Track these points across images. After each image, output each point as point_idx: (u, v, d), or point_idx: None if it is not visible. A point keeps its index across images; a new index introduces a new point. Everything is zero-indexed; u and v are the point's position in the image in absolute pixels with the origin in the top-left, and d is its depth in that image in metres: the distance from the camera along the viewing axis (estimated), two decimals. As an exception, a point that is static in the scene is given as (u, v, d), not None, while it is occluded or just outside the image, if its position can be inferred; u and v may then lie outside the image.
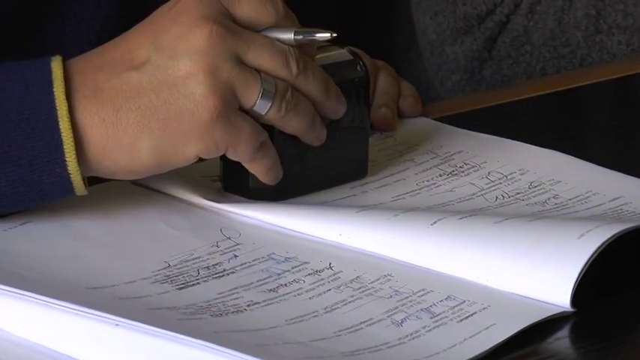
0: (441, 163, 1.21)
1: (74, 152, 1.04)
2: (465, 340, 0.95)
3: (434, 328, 0.96)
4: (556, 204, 1.14)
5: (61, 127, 1.04)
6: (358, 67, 1.15)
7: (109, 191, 1.12)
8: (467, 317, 0.98)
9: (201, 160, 1.08)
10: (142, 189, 1.14)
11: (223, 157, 1.12)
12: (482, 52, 1.75)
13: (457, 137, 1.26)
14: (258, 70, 1.06)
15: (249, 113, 1.06)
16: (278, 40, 1.07)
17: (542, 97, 1.48)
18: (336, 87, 1.11)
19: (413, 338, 0.95)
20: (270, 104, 1.06)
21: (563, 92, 1.50)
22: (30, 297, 0.97)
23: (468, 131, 1.27)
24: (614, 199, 1.14)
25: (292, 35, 1.07)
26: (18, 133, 1.06)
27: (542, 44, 1.76)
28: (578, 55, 1.73)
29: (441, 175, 1.19)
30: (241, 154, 1.06)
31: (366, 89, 1.15)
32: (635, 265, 1.05)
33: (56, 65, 1.05)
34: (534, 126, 1.44)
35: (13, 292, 0.97)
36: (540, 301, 1.00)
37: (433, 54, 1.80)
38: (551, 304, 0.99)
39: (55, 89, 1.04)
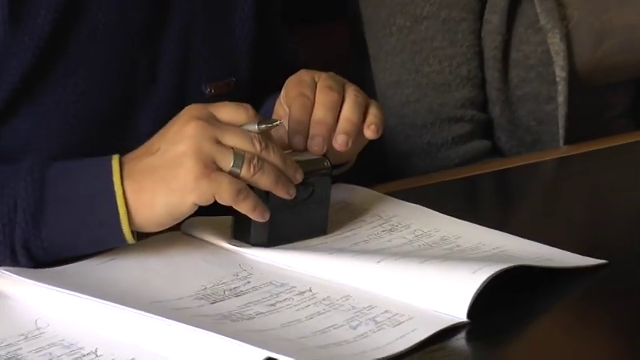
0: (383, 223, 1.19)
1: (128, 222, 1.05)
2: (397, 339, 0.97)
3: (377, 331, 0.98)
4: (458, 250, 1.13)
5: (118, 205, 1.05)
6: (325, 163, 1.12)
7: (167, 239, 1.12)
8: (398, 324, 0.99)
9: (200, 207, 1.06)
10: (189, 237, 1.14)
11: (233, 216, 1.11)
12: None
13: (394, 205, 1.23)
14: (233, 148, 1.05)
15: (231, 174, 1.04)
16: (248, 130, 1.06)
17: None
18: (294, 162, 1.09)
19: (363, 337, 0.97)
20: (240, 167, 1.04)
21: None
22: (119, 307, 0.98)
23: (402, 201, 1.24)
24: (495, 248, 1.13)
25: (256, 125, 1.07)
26: (90, 220, 1.06)
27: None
28: None
29: (383, 231, 1.18)
30: (225, 199, 1.04)
31: (329, 177, 1.13)
32: (517, 289, 1.04)
33: (115, 162, 1.06)
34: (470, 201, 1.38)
35: (110, 305, 0.99)
36: (447, 314, 1.00)
37: None
38: (454, 316, 1.00)
39: (114, 180, 1.05)
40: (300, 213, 1.11)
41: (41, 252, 1.05)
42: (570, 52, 1.51)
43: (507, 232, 1.16)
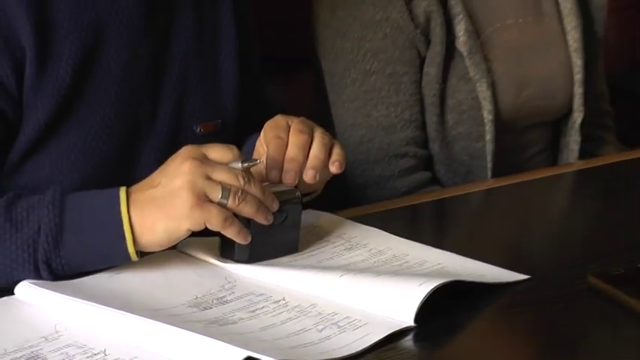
0: (344, 243, 1.19)
1: (132, 243, 1.05)
2: (356, 340, 0.97)
3: (340, 333, 0.98)
4: (407, 265, 1.13)
5: (124, 229, 1.05)
6: (296, 193, 1.13)
7: (165, 256, 1.12)
8: (357, 328, 0.99)
9: (194, 233, 1.06)
10: (183, 255, 1.14)
11: (220, 237, 1.10)
12: None
13: (354, 228, 1.23)
14: (221, 182, 1.05)
15: (219, 204, 1.05)
16: (234, 167, 1.07)
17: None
18: (271, 193, 1.09)
19: (328, 339, 0.97)
20: (227, 199, 1.05)
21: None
22: (125, 314, 0.99)
23: (360, 224, 1.23)
24: (438, 264, 1.13)
25: (240, 164, 1.08)
26: (101, 241, 1.05)
27: None
28: None
29: (344, 249, 1.17)
30: (215, 225, 1.05)
31: (299, 205, 1.13)
32: (455, 298, 1.04)
33: (122, 193, 1.06)
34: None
35: (117, 312, 0.99)
36: (397, 319, 1.01)
37: None
38: (404, 321, 1.00)
39: (121, 208, 1.05)
40: (275, 235, 1.12)
41: (60, 268, 1.06)
42: (495, 98, 1.50)
43: (446, 250, 1.16)
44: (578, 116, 1.58)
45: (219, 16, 1.29)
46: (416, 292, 1.02)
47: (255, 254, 1.11)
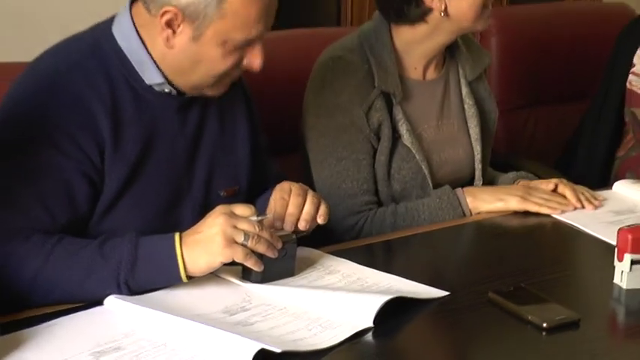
0: (325, 269, 1.20)
1: (184, 270, 1.08)
2: (334, 336, 1.00)
3: (323, 331, 1.02)
4: (367, 285, 1.15)
5: (178, 261, 1.08)
6: (293, 236, 1.17)
7: (205, 278, 1.12)
8: (334, 328, 1.03)
9: (225, 264, 1.09)
10: (217, 277, 1.15)
11: (242, 266, 1.12)
12: None
13: (331, 259, 1.23)
14: (244, 230, 1.09)
15: (242, 245, 1.09)
16: (252, 219, 1.11)
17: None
18: (278, 237, 1.12)
19: (315, 335, 1.00)
20: (248, 241, 1.09)
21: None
22: (178, 318, 1.00)
23: (335, 257, 1.23)
24: (388, 284, 1.15)
25: (256, 217, 1.11)
26: (163, 269, 1.08)
27: None
28: None
29: (325, 274, 1.19)
30: (239, 259, 1.10)
31: (295, 244, 1.16)
32: (400, 307, 1.06)
33: (177, 237, 1.10)
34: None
35: (174, 317, 1.01)
36: (362, 322, 1.02)
37: None
38: (366, 323, 1.02)
39: (176, 247, 1.08)
40: (279, 264, 1.16)
41: (135, 286, 1.12)
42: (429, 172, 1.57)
43: (393, 274, 1.19)
44: (478, 183, 1.61)
45: (235, 115, 1.33)
46: (374, 303, 1.06)
47: (265, 277, 1.16)
